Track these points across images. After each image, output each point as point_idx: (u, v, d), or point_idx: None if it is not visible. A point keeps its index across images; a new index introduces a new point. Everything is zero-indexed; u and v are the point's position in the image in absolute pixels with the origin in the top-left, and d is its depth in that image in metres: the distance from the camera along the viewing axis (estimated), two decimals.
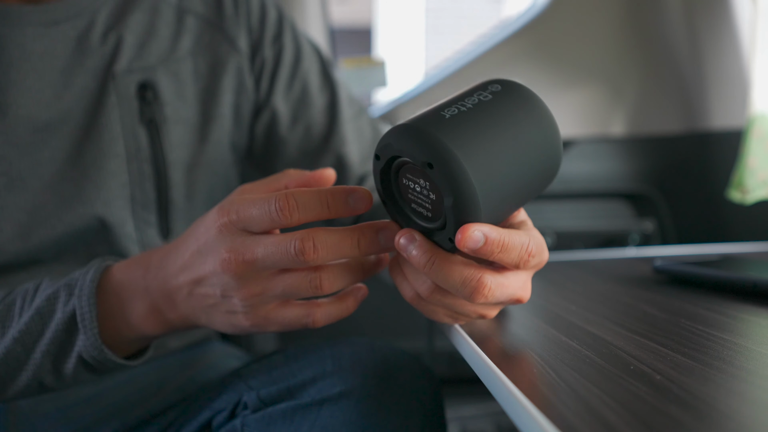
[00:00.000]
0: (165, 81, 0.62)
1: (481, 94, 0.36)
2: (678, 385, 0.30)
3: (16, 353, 0.45)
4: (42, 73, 0.57)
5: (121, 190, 0.60)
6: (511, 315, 0.47)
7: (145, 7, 0.63)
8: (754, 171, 0.97)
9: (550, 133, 0.37)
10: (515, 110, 0.36)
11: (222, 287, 0.40)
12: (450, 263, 0.35)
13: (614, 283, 0.57)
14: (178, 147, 0.63)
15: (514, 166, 0.35)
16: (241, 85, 0.68)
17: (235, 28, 0.68)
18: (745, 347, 0.36)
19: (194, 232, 0.42)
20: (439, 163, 0.32)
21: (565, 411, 0.28)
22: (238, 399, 0.50)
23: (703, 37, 1.18)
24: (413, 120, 0.34)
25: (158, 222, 0.63)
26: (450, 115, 0.34)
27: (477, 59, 1.29)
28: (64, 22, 0.58)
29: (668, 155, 1.25)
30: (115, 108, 0.60)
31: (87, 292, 0.44)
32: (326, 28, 1.37)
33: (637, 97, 1.27)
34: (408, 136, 0.33)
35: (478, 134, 0.33)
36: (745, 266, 0.54)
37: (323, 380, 0.45)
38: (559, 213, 1.24)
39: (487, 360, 0.36)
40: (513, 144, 0.35)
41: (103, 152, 0.59)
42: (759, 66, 0.97)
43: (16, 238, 0.55)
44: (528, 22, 1.28)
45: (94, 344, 0.44)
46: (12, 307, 0.46)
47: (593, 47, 1.27)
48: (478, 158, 0.33)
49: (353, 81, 1.27)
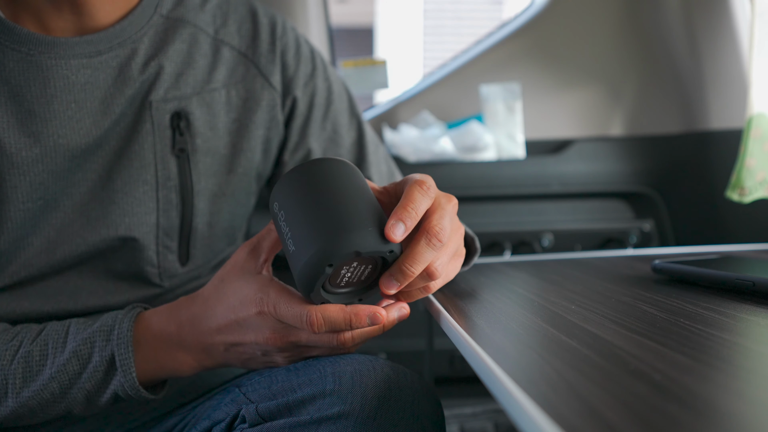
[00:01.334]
0: (198, 112, 0.63)
1: (277, 216, 0.45)
2: (677, 384, 0.30)
3: (52, 389, 0.50)
4: (83, 103, 0.58)
5: (147, 217, 0.61)
6: (511, 315, 0.47)
7: (185, 37, 0.64)
8: (753, 171, 0.98)
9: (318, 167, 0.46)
10: (298, 193, 0.44)
11: (263, 351, 0.48)
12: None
13: (613, 282, 0.57)
14: (206, 176, 0.64)
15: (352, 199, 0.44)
16: (273, 119, 0.69)
17: (270, 64, 0.68)
18: (744, 346, 0.36)
19: (225, 302, 0.49)
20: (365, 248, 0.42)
21: (565, 409, 0.28)
22: (237, 412, 0.49)
23: (701, 37, 1.18)
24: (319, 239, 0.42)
25: (178, 248, 0.64)
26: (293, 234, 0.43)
27: (475, 59, 1.29)
28: (107, 52, 0.59)
29: (667, 155, 1.25)
30: (149, 136, 0.61)
31: (125, 340, 0.50)
32: (326, 28, 1.37)
33: (635, 98, 1.27)
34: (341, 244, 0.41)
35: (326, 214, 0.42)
36: (743, 265, 0.54)
37: (323, 399, 0.45)
38: (558, 213, 1.24)
39: (487, 359, 0.36)
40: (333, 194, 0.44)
41: (133, 179, 0.60)
42: (757, 66, 0.97)
43: (43, 253, 0.58)
44: (526, 22, 1.28)
45: (132, 385, 0.50)
46: (45, 347, 0.51)
47: (592, 47, 1.27)
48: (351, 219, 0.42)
49: (354, 82, 1.27)
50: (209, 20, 0.66)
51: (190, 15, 0.65)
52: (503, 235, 1.18)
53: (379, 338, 1.11)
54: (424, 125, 1.26)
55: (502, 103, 1.23)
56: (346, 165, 0.47)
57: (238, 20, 0.68)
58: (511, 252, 1.18)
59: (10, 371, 0.50)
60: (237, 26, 0.68)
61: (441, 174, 1.20)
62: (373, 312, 0.44)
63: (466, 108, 1.29)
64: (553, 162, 1.24)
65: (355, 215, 0.42)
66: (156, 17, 0.62)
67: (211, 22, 0.66)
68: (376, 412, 0.44)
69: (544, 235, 1.18)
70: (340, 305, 0.44)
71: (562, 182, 1.23)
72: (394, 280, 0.44)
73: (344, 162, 0.47)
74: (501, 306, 0.50)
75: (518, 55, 1.27)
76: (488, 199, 1.23)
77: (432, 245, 0.44)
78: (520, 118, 1.23)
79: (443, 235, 0.44)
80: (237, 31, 0.68)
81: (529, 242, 1.18)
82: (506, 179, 1.22)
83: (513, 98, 1.23)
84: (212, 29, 0.66)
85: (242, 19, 0.69)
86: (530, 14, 1.29)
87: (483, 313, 0.48)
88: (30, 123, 0.56)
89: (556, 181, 1.23)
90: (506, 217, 1.24)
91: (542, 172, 1.23)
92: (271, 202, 0.46)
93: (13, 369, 0.50)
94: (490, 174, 1.21)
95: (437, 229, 0.44)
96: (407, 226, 0.43)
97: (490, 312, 0.48)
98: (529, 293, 0.55)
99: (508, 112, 1.23)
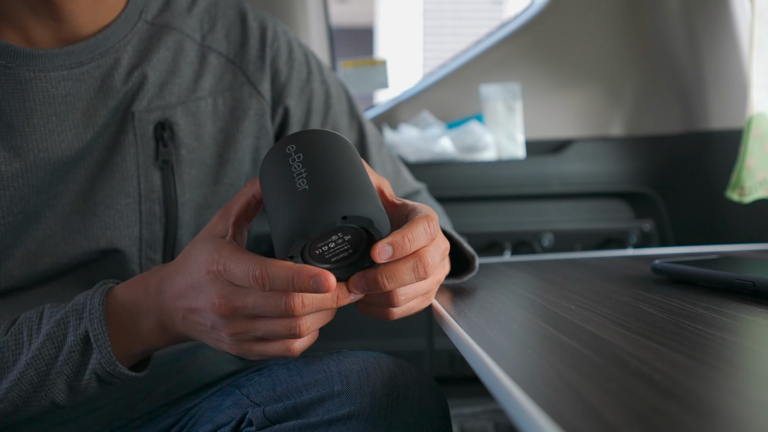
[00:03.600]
0: (183, 122, 0.62)
1: (293, 158, 0.43)
2: (677, 384, 0.30)
3: (29, 377, 0.48)
4: (64, 116, 0.56)
5: (129, 230, 0.60)
6: (511, 315, 0.47)
7: (170, 45, 0.62)
8: (753, 171, 0.98)
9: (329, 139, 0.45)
10: (326, 146, 0.44)
11: (211, 322, 0.44)
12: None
13: (613, 282, 0.57)
14: (191, 188, 0.63)
15: (351, 169, 0.43)
16: (262, 128, 0.67)
17: (259, 72, 0.67)
18: (744, 346, 0.36)
19: (186, 265, 0.46)
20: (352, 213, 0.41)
21: (564, 409, 0.28)
22: (243, 415, 0.49)
23: (701, 37, 1.18)
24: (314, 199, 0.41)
25: (162, 260, 0.63)
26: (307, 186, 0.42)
27: (475, 59, 1.29)
28: (88, 63, 0.57)
29: (667, 155, 1.25)
30: (132, 147, 0.59)
31: (98, 314, 0.48)
32: (326, 28, 1.37)
33: (635, 98, 1.27)
34: (329, 212, 0.40)
35: (335, 176, 0.42)
36: (743, 265, 0.54)
37: (331, 400, 0.45)
38: (558, 213, 1.24)
39: (487, 359, 0.36)
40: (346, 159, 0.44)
41: (115, 191, 0.59)
42: (757, 66, 0.97)
43: (24, 264, 0.57)
44: (526, 22, 1.28)
45: (109, 360, 0.48)
46: (19, 335, 0.49)
47: (592, 47, 1.27)
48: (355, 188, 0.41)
49: (354, 82, 1.27)
50: (196, 26, 0.65)
51: (176, 21, 0.63)
52: (503, 235, 1.18)
53: (378, 338, 1.11)
54: (424, 125, 1.26)
55: (502, 103, 1.23)
56: (353, 148, 0.47)
57: (226, 25, 0.66)
58: (511, 252, 1.18)
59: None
60: (225, 31, 0.66)
61: (441, 174, 1.20)
62: (317, 273, 0.40)
63: (466, 108, 1.29)
64: (553, 162, 1.24)
65: (361, 185, 0.42)
66: (140, 24, 0.60)
67: (198, 27, 0.65)
68: (385, 410, 0.44)
69: (544, 235, 1.18)
70: (288, 262, 0.41)
71: (562, 182, 1.23)
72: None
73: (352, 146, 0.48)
74: (501, 306, 0.50)
75: (518, 55, 1.27)
76: (488, 199, 1.23)
77: (416, 272, 0.43)
78: (520, 118, 1.23)
79: (430, 269, 0.43)
80: (225, 37, 0.66)
81: (529, 242, 1.18)
82: (506, 179, 1.22)
83: (513, 98, 1.23)
84: (199, 35, 0.64)
85: (231, 24, 0.67)
86: (530, 14, 1.29)
87: (483, 313, 0.48)
88: (9, 137, 0.54)
89: (556, 181, 1.23)
90: (506, 217, 1.24)
91: (542, 172, 1.23)
92: (285, 143, 0.44)
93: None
94: (490, 174, 1.21)
95: (428, 259, 0.43)
96: (395, 255, 0.41)
97: (490, 312, 0.48)
98: (529, 293, 0.55)
99: (508, 112, 1.23)
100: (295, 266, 0.40)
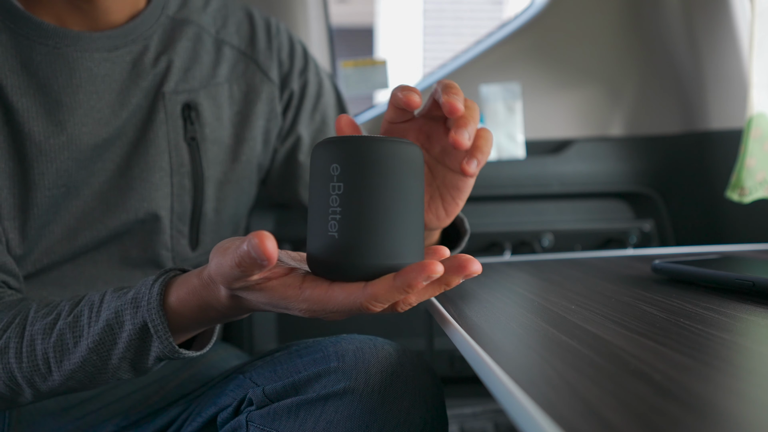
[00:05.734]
0: (206, 103, 0.68)
1: (333, 185, 0.39)
2: (677, 384, 0.30)
3: (93, 361, 0.49)
4: (102, 94, 0.61)
5: (163, 201, 0.64)
6: (511, 315, 0.47)
7: (191, 35, 0.69)
8: (753, 171, 0.98)
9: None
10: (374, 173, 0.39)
11: (293, 313, 0.43)
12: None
13: (613, 282, 0.57)
14: (213, 164, 0.68)
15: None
16: (272, 111, 0.74)
17: (268, 60, 0.74)
18: (744, 346, 0.36)
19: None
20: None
21: (565, 409, 0.28)
22: (243, 395, 0.51)
23: (701, 37, 1.18)
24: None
25: (189, 233, 0.68)
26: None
27: (475, 59, 1.29)
28: (122, 47, 0.63)
29: (667, 155, 1.25)
30: (163, 125, 0.64)
31: (155, 305, 0.46)
32: (326, 28, 1.37)
33: (635, 98, 1.27)
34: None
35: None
36: (743, 265, 0.54)
37: (327, 376, 0.46)
38: (558, 213, 1.24)
39: (487, 359, 0.36)
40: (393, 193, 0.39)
41: (149, 166, 0.64)
42: (757, 66, 0.97)
43: (65, 239, 0.61)
44: (526, 22, 1.28)
45: (170, 348, 0.47)
46: (80, 317, 0.50)
47: (592, 47, 1.27)
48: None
49: (354, 82, 1.27)
50: (211, 21, 0.71)
51: (194, 16, 0.70)
52: (503, 235, 1.18)
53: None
54: None
55: (502, 103, 1.23)
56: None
57: (236, 22, 0.74)
58: (511, 252, 1.18)
59: (49, 346, 0.49)
60: (236, 27, 0.73)
61: None
62: (423, 270, 0.36)
63: None
64: (553, 162, 1.24)
65: (397, 234, 0.39)
66: (163, 17, 0.67)
67: (212, 23, 0.72)
68: (380, 386, 0.46)
69: (544, 235, 1.18)
70: (387, 280, 0.38)
71: (562, 182, 1.23)
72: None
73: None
74: (501, 306, 0.50)
75: (518, 55, 1.27)
76: (488, 199, 1.23)
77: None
78: (520, 118, 1.23)
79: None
80: (236, 32, 0.73)
81: (529, 242, 1.18)
82: (506, 179, 1.22)
83: (513, 98, 1.23)
84: (214, 29, 0.71)
85: (240, 22, 0.74)
86: (530, 14, 1.29)
87: (483, 313, 0.48)
88: (57, 112, 0.59)
89: (556, 181, 1.23)
90: (506, 217, 1.24)
91: (542, 172, 1.23)
92: (331, 159, 0.39)
93: (53, 343, 0.49)
94: (490, 174, 1.21)
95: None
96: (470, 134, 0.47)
97: (490, 312, 0.48)
98: (529, 293, 0.55)
99: (508, 112, 1.23)
100: (399, 277, 0.37)
